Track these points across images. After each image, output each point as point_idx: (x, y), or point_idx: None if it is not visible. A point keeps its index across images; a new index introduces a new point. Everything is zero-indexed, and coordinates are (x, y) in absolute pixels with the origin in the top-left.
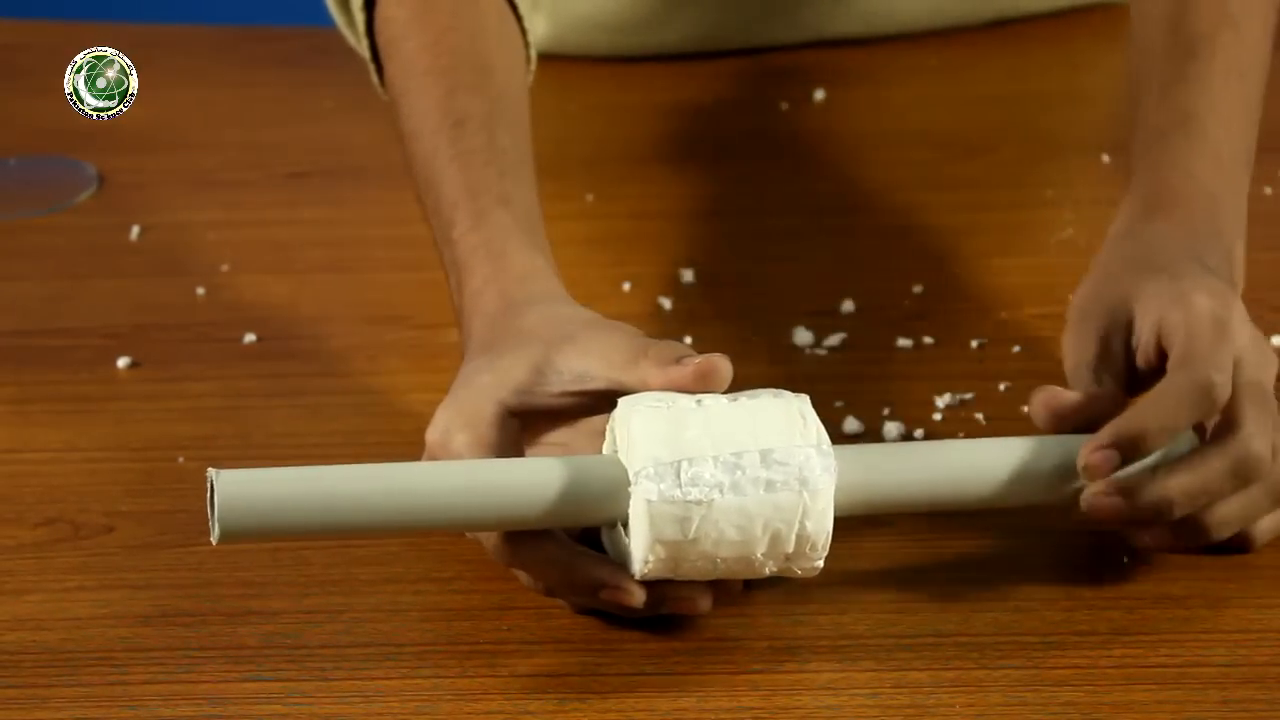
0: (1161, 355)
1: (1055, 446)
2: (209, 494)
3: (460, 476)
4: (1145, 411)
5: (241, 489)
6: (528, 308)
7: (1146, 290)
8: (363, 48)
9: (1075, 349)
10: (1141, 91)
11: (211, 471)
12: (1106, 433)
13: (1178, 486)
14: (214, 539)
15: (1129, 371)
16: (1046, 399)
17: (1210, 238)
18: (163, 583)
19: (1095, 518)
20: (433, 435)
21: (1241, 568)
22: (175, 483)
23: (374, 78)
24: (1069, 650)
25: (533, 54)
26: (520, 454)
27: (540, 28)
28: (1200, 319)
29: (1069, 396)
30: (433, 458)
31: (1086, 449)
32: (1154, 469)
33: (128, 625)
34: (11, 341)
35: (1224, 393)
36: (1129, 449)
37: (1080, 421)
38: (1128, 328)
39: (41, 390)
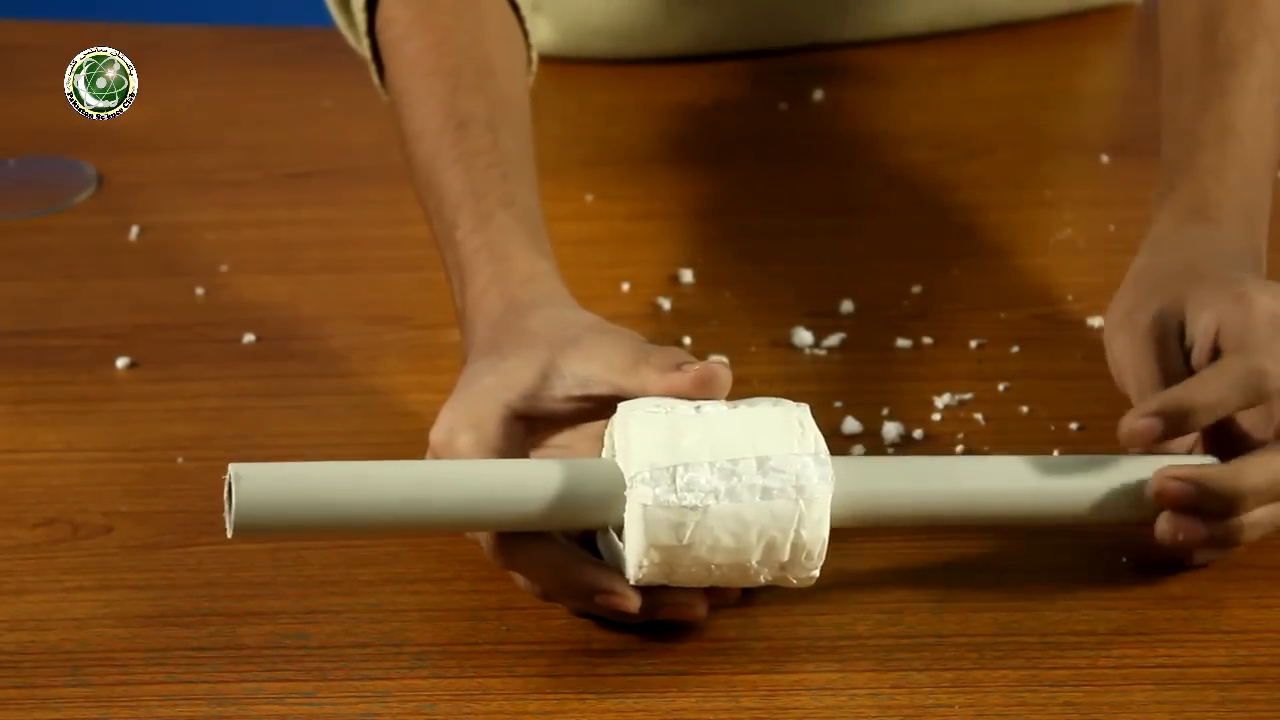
0: (1217, 354)
1: (1051, 465)
2: (226, 489)
3: (455, 476)
4: (1195, 388)
5: (258, 483)
6: (531, 310)
7: (1199, 294)
8: (364, 48)
9: (1136, 367)
10: (1177, 101)
11: (230, 466)
12: (1154, 402)
13: (1251, 480)
14: (230, 532)
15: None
16: (1137, 430)
17: (1248, 251)
18: (162, 583)
19: (1163, 501)
20: (437, 435)
21: (1240, 567)
22: (174, 483)
23: (375, 78)
24: (1068, 650)
25: (534, 55)
26: (524, 456)
27: (543, 31)
28: (1260, 315)
29: (1142, 424)
30: (436, 458)
31: (1132, 415)
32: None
33: (127, 625)
34: (11, 342)
35: (1276, 382)
36: (1174, 421)
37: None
38: (1180, 332)
39: (41, 390)
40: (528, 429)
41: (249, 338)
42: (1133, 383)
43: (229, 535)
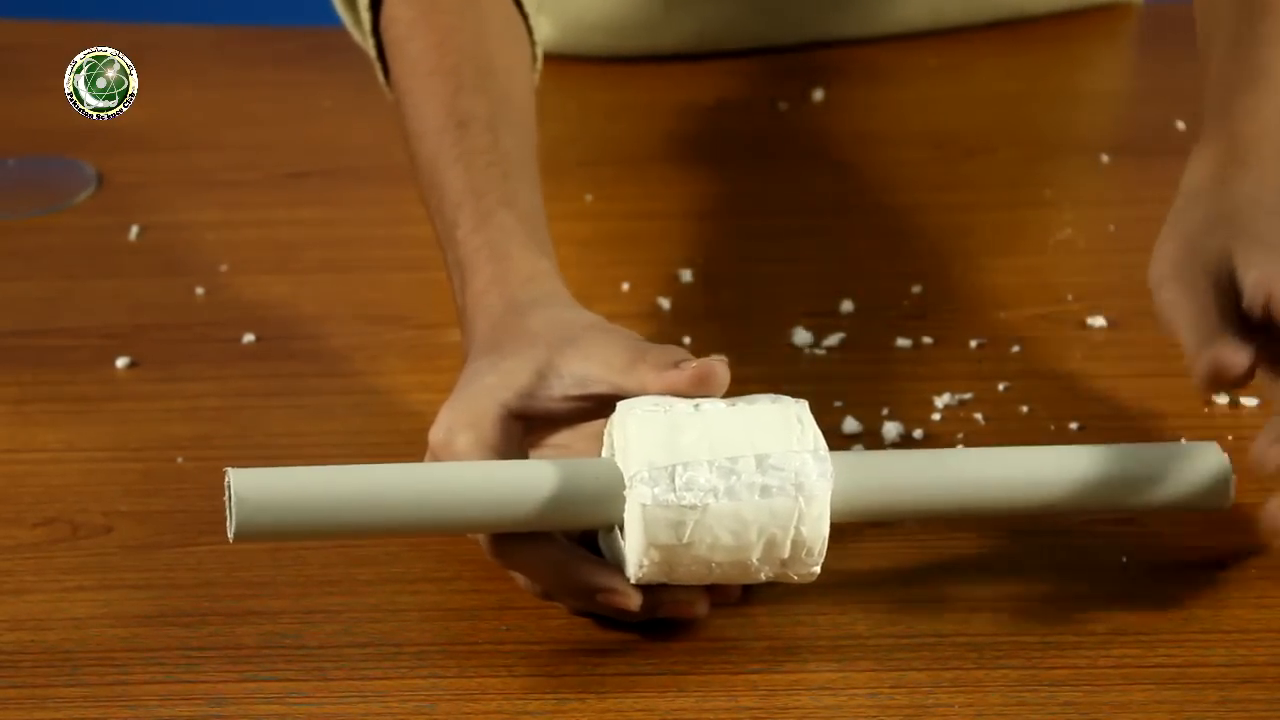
0: (1267, 318)
1: (1048, 455)
2: (226, 493)
3: (454, 477)
4: None
5: (257, 489)
6: (531, 310)
7: (1245, 251)
8: (369, 47)
9: (1191, 314)
10: (1211, 51)
11: (228, 471)
12: (1274, 429)
13: None
14: (231, 536)
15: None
16: (1215, 357)
17: None
18: (161, 583)
19: None
20: (436, 435)
21: (1240, 568)
22: (174, 483)
23: (380, 77)
24: (1067, 650)
25: (539, 54)
26: (523, 456)
27: (543, 28)
28: None
29: (1237, 356)
30: (435, 458)
31: (1263, 441)
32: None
33: (127, 625)
34: (11, 341)
35: None
36: None
37: (1242, 378)
38: (1230, 283)
39: (40, 390)
40: (526, 428)
41: (249, 337)
42: (1188, 329)
43: (230, 540)
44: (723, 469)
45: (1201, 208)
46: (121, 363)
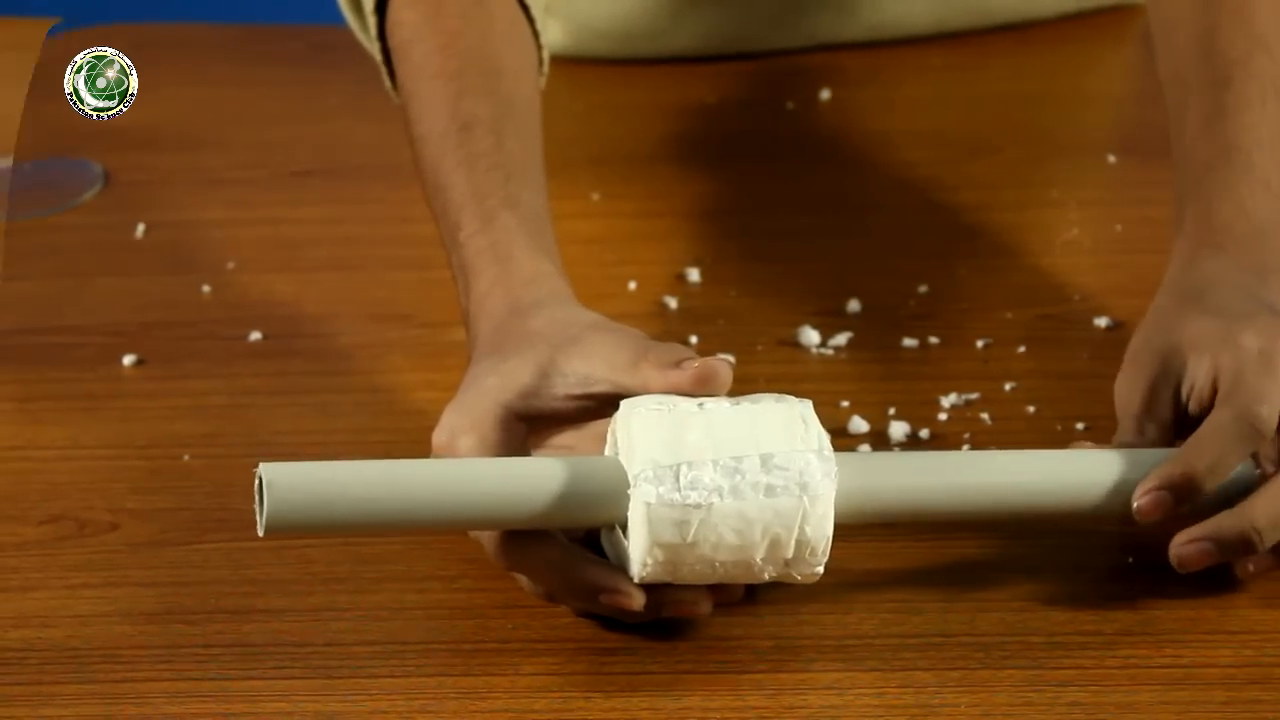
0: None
1: (1059, 460)
2: (257, 487)
3: (458, 474)
4: (1191, 450)
5: (288, 483)
6: (534, 310)
7: (1198, 336)
8: (375, 51)
9: (1124, 397)
10: (1180, 125)
11: (262, 467)
12: (1154, 476)
13: (1262, 515)
14: (261, 530)
15: (1179, 419)
16: (1144, 507)
17: (1269, 271)
18: (167, 580)
19: (1189, 568)
20: (439, 437)
21: None
22: (180, 480)
23: (386, 81)
24: (1074, 650)
25: (545, 57)
26: (525, 456)
27: (552, 33)
28: (1247, 356)
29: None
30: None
31: (1137, 493)
32: (1230, 504)
33: (133, 623)
34: (17, 340)
35: (1269, 424)
36: (1180, 490)
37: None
38: (1179, 375)
39: (47, 388)
40: (530, 428)
41: (255, 335)
42: (1119, 419)
43: (260, 534)
44: (727, 468)
45: (1173, 294)
46: (128, 360)
